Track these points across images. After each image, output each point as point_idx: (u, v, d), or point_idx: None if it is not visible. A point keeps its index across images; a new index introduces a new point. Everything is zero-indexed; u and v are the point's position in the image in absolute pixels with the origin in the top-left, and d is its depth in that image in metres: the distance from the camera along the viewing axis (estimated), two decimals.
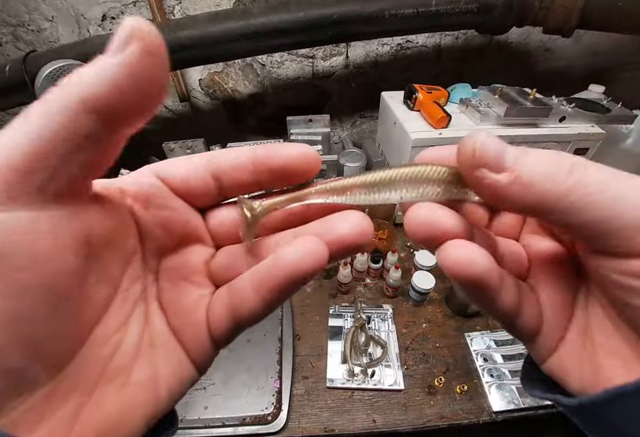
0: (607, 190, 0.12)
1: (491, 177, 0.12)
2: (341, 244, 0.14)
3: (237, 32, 0.72)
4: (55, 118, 0.10)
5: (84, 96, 0.10)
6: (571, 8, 0.72)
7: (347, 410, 0.51)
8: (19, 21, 0.88)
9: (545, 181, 0.12)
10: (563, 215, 0.12)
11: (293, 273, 0.13)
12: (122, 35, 0.10)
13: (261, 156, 0.15)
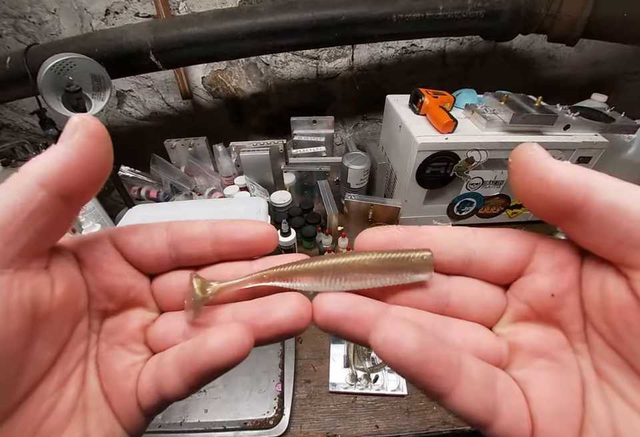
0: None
1: (548, 165, 0.13)
2: (274, 330, 0.14)
3: (243, 31, 0.71)
4: (15, 196, 0.12)
5: (40, 177, 0.12)
6: (576, 18, 0.72)
7: (350, 414, 0.51)
8: (20, 13, 0.86)
9: (590, 175, 0.13)
10: (608, 198, 0.12)
11: (213, 362, 0.13)
12: (70, 127, 0.13)
13: (226, 231, 0.16)
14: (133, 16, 0.88)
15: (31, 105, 0.98)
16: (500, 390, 0.13)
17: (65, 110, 0.60)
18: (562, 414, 0.13)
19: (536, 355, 0.14)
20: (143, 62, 0.72)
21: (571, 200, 0.12)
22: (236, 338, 0.13)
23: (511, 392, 0.13)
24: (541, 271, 0.14)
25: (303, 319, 0.14)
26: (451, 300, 0.15)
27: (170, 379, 0.14)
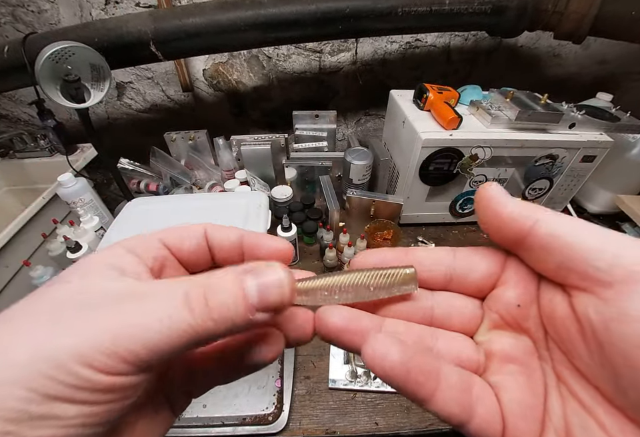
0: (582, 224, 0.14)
1: (507, 197, 0.16)
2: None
3: (245, 22, 0.70)
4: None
5: None
6: (584, 15, 0.71)
7: (349, 411, 0.51)
8: (18, 1, 0.85)
9: (537, 210, 0.15)
10: (548, 229, 0.14)
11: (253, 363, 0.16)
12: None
13: (249, 245, 0.17)
14: (133, 6, 0.86)
15: (30, 95, 0.97)
16: (475, 393, 0.15)
17: (64, 100, 0.59)
18: (528, 413, 0.14)
19: (507, 361, 0.16)
20: (143, 52, 0.70)
21: (519, 231, 0.15)
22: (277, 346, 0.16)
23: (485, 395, 0.15)
24: (509, 284, 0.17)
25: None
26: (435, 313, 0.17)
27: (215, 371, 0.17)
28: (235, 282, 0.13)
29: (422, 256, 0.18)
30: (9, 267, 0.66)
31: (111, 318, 0.12)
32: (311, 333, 0.17)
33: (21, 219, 0.67)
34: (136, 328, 0.12)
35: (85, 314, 0.12)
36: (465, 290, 0.18)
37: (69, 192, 0.70)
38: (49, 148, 0.88)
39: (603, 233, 0.13)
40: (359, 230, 0.72)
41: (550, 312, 0.15)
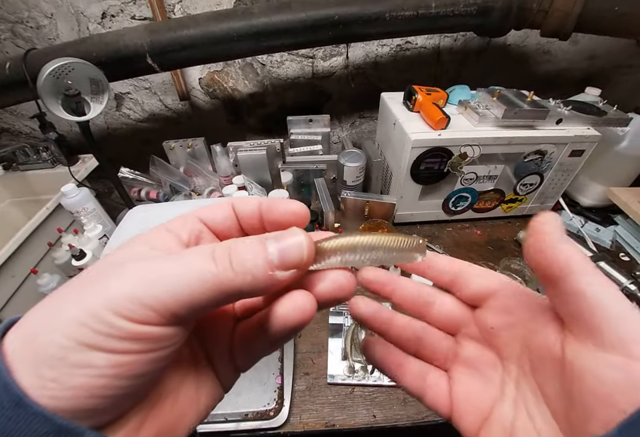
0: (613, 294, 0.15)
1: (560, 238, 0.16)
2: (327, 298, 0.17)
3: (238, 32, 0.72)
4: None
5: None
6: (568, 12, 0.73)
7: (348, 405, 0.52)
8: (17, 18, 0.87)
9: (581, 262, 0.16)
10: (580, 286, 0.15)
11: (284, 326, 0.16)
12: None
13: (265, 209, 0.18)
14: (129, 19, 0.89)
15: (30, 109, 1.00)
16: (428, 380, 0.21)
17: (65, 114, 0.61)
18: (472, 405, 0.19)
19: (468, 366, 0.20)
20: (140, 65, 0.73)
21: (559, 277, 0.16)
22: (301, 303, 0.16)
23: (438, 382, 0.21)
24: (491, 308, 0.20)
25: (347, 289, 0.18)
26: (433, 308, 0.22)
27: (258, 341, 0.18)
28: (257, 242, 0.15)
29: (437, 261, 0.22)
30: (15, 277, 0.68)
31: (140, 271, 0.14)
32: (347, 286, 0.18)
33: (26, 229, 0.69)
34: (163, 278, 0.13)
35: (116, 270, 0.14)
36: (461, 297, 0.21)
37: (73, 202, 0.73)
38: (50, 159, 0.91)
39: (623, 307, 0.15)
40: (354, 230, 0.74)
41: (542, 343, 0.17)
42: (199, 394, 0.18)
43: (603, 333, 0.14)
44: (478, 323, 0.20)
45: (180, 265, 0.14)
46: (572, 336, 0.16)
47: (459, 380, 0.20)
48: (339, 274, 0.17)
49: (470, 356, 0.20)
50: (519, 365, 0.19)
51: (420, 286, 0.22)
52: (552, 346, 0.17)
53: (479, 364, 0.20)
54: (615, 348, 0.14)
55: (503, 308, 0.19)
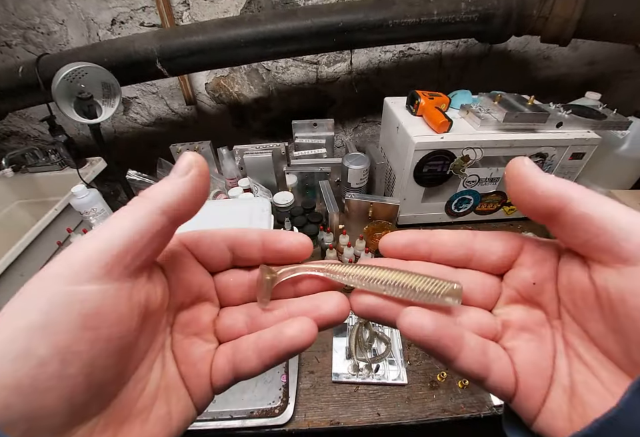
0: (613, 206, 0.15)
1: (539, 175, 0.16)
2: (324, 321, 0.18)
3: (245, 39, 0.74)
4: (143, 220, 0.15)
5: (163, 204, 0.15)
6: (568, 19, 0.75)
7: (352, 403, 0.53)
8: (29, 24, 0.90)
9: (564, 183, 0.16)
10: (581, 209, 0.15)
11: (291, 347, 0.17)
12: (185, 163, 0.17)
13: (270, 240, 0.19)
14: (138, 25, 0.91)
15: (39, 113, 1.02)
16: (491, 355, 0.17)
17: (78, 116, 0.63)
18: (537, 371, 0.17)
19: (521, 330, 0.18)
20: (150, 70, 0.75)
21: (552, 208, 0.16)
22: (308, 328, 0.17)
23: (500, 357, 0.18)
24: (525, 265, 0.18)
25: (344, 312, 0.19)
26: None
27: (249, 362, 0.18)
28: None
29: (445, 239, 0.20)
30: (24, 275, 0.70)
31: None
32: (346, 311, 0.19)
33: (35, 229, 0.70)
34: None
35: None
36: (484, 268, 0.20)
37: (82, 203, 0.74)
38: (59, 162, 0.92)
39: (632, 216, 0.14)
40: (358, 231, 0.75)
41: (569, 285, 0.17)
42: (171, 414, 0.17)
43: (623, 247, 0.14)
44: (516, 284, 0.19)
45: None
46: (596, 265, 0.15)
47: (517, 348, 0.18)
48: (341, 300, 0.19)
49: (519, 319, 0.18)
50: (562, 316, 0.17)
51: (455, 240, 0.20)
52: (581, 281, 0.16)
53: (532, 324, 0.18)
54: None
55: (534, 261, 0.18)
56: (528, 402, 0.17)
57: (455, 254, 0.19)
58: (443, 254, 0.19)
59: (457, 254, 0.19)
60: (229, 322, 0.20)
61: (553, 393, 0.16)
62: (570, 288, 0.16)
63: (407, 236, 0.20)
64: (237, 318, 0.20)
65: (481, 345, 0.17)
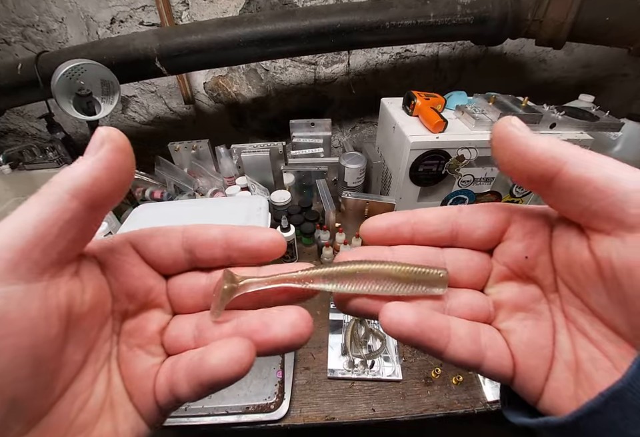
0: (615, 166, 0.13)
1: (523, 134, 0.15)
2: (272, 345, 0.15)
3: (244, 39, 0.75)
4: (50, 207, 0.13)
5: (71, 188, 0.13)
6: (562, 22, 0.76)
7: (348, 399, 0.53)
8: (28, 22, 0.90)
9: (556, 145, 0.14)
10: (579, 172, 0.13)
11: (213, 377, 0.14)
12: (97, 139, 0.14)
13: (235, 238, 0.17)
14: (137, 24, 0.92)
15: (37, 111, 1.02)
16: (483, 341, 0.16)
17: (76, 113, 0.63)
18: (535, 351, 0.16)
19: (515, 309, 0.17)
20: (149, 68, 0.75)
21: (546, 173, 0.14)
22: (238, 354, 0.14)
23: (494, 340, 0.16)
24: (515, 238, 0.17)
25: (301, 336, 0.15)
26: (448, 269, 0.18)
27: (181, 385, 0.15)
28: None
29: (427, 217, 0.18)
30: None
31: None
32: (306, 333, 0.16)
33: None
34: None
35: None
36: (472, 245, 0.18)
37: None
38: (57, 159, 0.92)
39: (636, 176, 0.13)
40: (354, 229, 0.75)
41: (566, 257, 0.15)
42: (118, 432, 0.15)
43: (627, 213, 0.12)
44: (507, 259, 0.17)
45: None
46: (595, 234, 0.14)
47: (512, 328, 0.17)
48: (299, 317, 0.16)
49: (512, 297, 0.17)
50: (560, 289, 0.16)
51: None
52: (580, 252, 0.14)
53: (526, 301, 0.17)
54: None
55: (524, 233, 0.17)
56: (529, 383, 0.16)
57: (439, 233, 0.18)
58: (428, 234, 0.18)
59: (442, 233, 0.18)
60: (175, 333, 0.17)
61: (556, 371, 0.15)
62: (567, 260, 0.15)
63: (388, 219, 0.18)
64: (185, 329, 0.17)
65: (471, 332, 0.16)
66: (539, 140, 0.14)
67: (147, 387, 0.16)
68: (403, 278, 0.16)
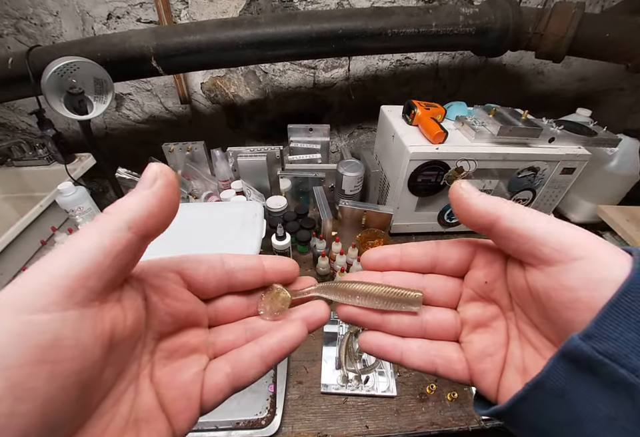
0: (534, 218, 0.17)
1: (472, 195, 0.19)
2: (320, 322, 0.21)
3: (243, 41, 0.73)
4: (108, 237, 0.14)
5: (129, 221, 0.15)
6: (562, 36, 0.76)
7: (341, 415, 0.52)
8: (22, 14, 0.87)
9: (496, 202, 0.18)
10: (503, 227, 0.18)
11: (293, 345, 0.19)
12: (150, 174, 0.16)
13: (272, 265, 0.21)
14: (134, 21, 0.90)
15: (29, 105, 0.99)
16: (432, 352, 0.21)
17: (67, 112, 0.61)
18: (485, 357, 0.20)
19: (476, 325, 0.21)
20: (145, 67, 0.73)
21: (485, 224, 0.18)
22: (300, 328, 0.20)
23: (441, 352, 0.21)
24: (478, 267, 0.21)
25: (328, 315, 0.22)
26: (426, 291, 0.22)
27: (253, 368, 0.19)
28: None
29: (412, 250, 0.23)
30: (3, 274, 0.67)
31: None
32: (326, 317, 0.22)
33: (19, 226, 0.68)
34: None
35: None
36: (447, 272, 0.22)
37: (69, 201, 0.72)
38: (47, 157, 0.89)
39: (550, 225, 0.17)
40: (351, 239, 0.74)
41: (513, 283, 0.19)
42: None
43: (542, 251, 0.16)
44: (472, 284, 0.21)
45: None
46: (528, 266, 0.18)
47: (471, 340, 0.21)
48: (325, 305, 0.22)
49: (475, 315, 0.21)
50: (514, 308, 0.20)
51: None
52: (520, 280, 0.18)
53: (485, 320, 0.21)
54: (559, 259, 0.16)
55: (485, 263, 0.21)
56: (482, 383, 0.20)
57: (421, 263, 0.22)
58: (412, 263, 0.22)
59: (423, 263, 0.22)
60: (222, 338, 0.20)
61: (507, 373, 0.19)
62: (513, 285, 0.19)
63: (380, 253, 0.23)
64: (231, 332, 0.21)
65: (421, 345, 0.21)
66: (479, 200, 0.18)
67: (193, 391, 0.18)
68: (388, 297, 0.21)
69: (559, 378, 0.15)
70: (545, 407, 0.16)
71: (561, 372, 0.15)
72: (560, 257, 0.16)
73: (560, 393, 0.15)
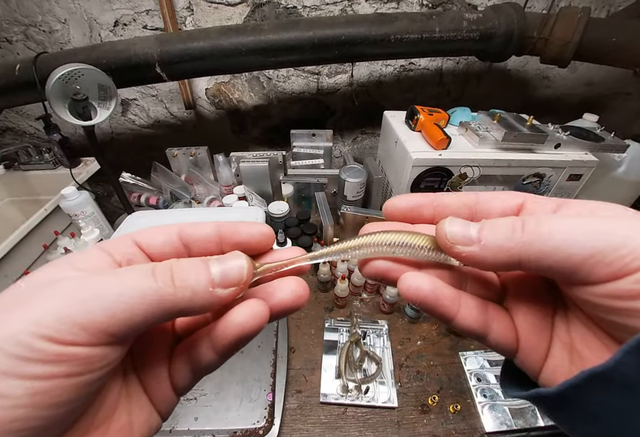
0: (556, 234, 0.14)
1: (466, 250, 0.16)
2: (279, 308, 0.17)
3: (247, 47, 0.74)
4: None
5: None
6: (568, 41, 0.75)
7: (340, 426, 0.51)
8: (31, 21, 0.89)
9: (507, 241, 0.15)
10: (534, 263, 0.14)
11: (244, 331, 0.16)
12: (235, 274, 0.15)
13: (227, 232, 0.18)
14: (140, 28, 0.91)
15: (36, 110, 1.01)
16: (490, 315, 0.18)
17: (71, 118, 0.61)
18: (537, 330, 0.17)
19: (521, 291, 0.18)
20: (149, 74, 0.74)
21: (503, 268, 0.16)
22: (257, 309, 0.16)
23: (500, 316, 0.18)
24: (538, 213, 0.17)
25: (300, 297, 0.18)
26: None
27: (205, 354, 0.17)
28: (200, 262, 0.15)
29: (447, 201, 0.19)
30: (7, 276, 0.67)
31: (70, 289, 0.13)
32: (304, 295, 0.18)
33: (23, 230, 0.68)
34: (97, 295, 0.13)
35: (41, 291, 0.13)
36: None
37: (72, 205, 0.72)
38: (53, 161, 0.91)
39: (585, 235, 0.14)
40: None
41: None
42: (132, 423, 0.16)
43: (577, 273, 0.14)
44: None
45: (116, 281, 0.13)
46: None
47: (518, 308, 0.18)
48: (297, 284, 0.18)
49: (518, 278, 0.19)
50: None
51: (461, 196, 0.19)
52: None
53: (536, 284, 0.18)
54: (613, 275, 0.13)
55: (547, 211, 0.17)
56: (530, 358, 0.17)
57: (459, 216, 0.18)
58: (447, 216, 0.18)
59: (461, 216, 0.18)
60: (185, 319, 0.19)
61: (554, 350, 0.17)
62: None
63: (411, 199, 0.19)
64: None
65: (479, 305, 0.18)
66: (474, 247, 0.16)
67: (161, 373, 0.17)
68: (428, 244, 0.17)
69: (628, 371, 0.13)
70: (605, 396, 0.14)
71: (633, 366, 0.13)
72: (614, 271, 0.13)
73: (627, 385, 0.13)
